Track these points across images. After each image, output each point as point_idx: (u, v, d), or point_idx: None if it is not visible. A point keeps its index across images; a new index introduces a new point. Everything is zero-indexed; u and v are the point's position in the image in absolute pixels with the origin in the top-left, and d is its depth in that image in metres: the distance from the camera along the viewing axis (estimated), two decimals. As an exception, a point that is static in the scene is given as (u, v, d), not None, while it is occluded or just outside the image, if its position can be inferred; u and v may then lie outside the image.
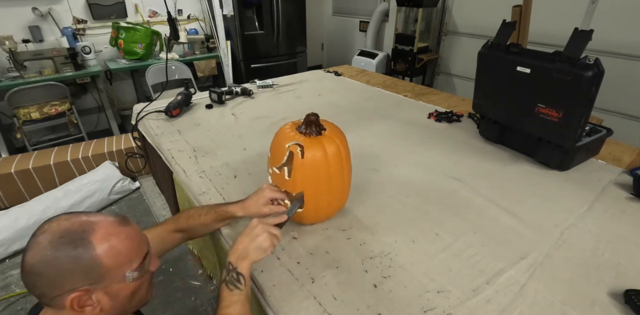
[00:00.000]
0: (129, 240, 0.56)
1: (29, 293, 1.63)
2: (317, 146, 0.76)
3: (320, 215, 0.86)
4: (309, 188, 0.78)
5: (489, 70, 1.18)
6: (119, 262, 0.54)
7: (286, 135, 0.79)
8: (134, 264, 0.56)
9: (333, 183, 0.79)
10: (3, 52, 2.55)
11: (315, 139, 0.77)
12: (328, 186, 0.79)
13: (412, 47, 3.40)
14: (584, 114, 0.97)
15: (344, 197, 0.89)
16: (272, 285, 0.71)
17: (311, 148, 0.75)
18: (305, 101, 1.71)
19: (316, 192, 0.78)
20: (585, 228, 0.87)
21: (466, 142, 1.31)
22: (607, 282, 0.72)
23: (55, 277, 0.50)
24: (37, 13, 2.72)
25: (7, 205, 2.09)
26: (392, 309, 0.66)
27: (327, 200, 0.82)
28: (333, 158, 0.77)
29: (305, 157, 0.74)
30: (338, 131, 0.83)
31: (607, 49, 2.45)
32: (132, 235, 0.58)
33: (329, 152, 0.76)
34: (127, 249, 0.56)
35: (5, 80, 2.53)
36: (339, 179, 0.80)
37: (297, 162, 0.75)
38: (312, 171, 0.76)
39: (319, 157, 0.75)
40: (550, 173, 1.11)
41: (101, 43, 3.08)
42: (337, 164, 0.78)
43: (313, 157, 0.75)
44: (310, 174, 0.76)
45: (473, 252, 0.80)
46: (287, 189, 0.79)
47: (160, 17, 3.31)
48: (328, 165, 0.76)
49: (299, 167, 0.75)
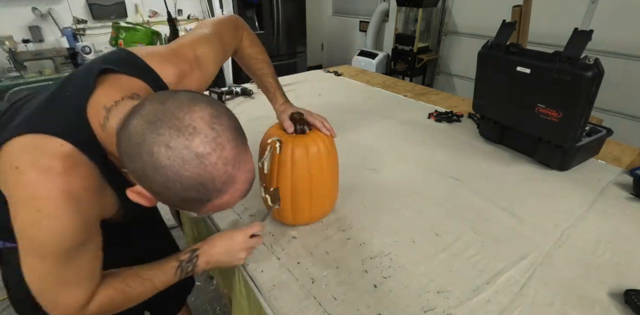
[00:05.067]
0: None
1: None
2: (297, 144, 0.76)
3: (300, 216, 0.84)
4: (284, 185, 0.78)
5: (489, 70, 1.18)
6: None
7: (272, 131, 0.81)
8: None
9: (314, 183, 0.79)
10: (3, 52, 2.55)
11: (297, 137, 0.78)
12: (308, 185, 0.78)
13: (412, 47, 3.40)
14: (584, 114, 0.97)
15: (327, 201, 0.86)
16: (272, 285, 0.71)
17: (289, 144, 0.76)
18: (305, 101, 1.71)
19: (293, 189, 0.78)
20: (585, 228, 0.87)
21: (466, 142, 1.31)
22: (607, 282, 0.72)
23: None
24: (37, 13, 2.72)
25: (7, 205, 2.08)
26: (392, 309, 0.66)
27: (307, 200, 0.81)
28: (314, 157, 0.77)
29: (283, 153, 0.75)
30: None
31: (607, 49, 2.44)
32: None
33: (311, 151, 0.76)
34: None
35: (5, 80, 2.53)
36: (320, 180, 0.79)
37: (274, 157, 0.76)
38: (290, 168, 0.76)
39: (298, 155, 0.75)
40: (550, 173, 1.11)
41: (101, 43, 3.08)
42: (318, 163, 0.77)
43: (291, 153, 0.75)
44: (286, 170, 0.76)
45: (473, 252, 0.80)
46: (265, 183, 0.80)
47: (160, 17, 3.31)
48: (308, 164, 0.76)
49: (275, 162, 0.76)
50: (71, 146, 0.49)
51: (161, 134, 0.41)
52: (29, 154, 0.47)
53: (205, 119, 0.43)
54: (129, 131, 0.43)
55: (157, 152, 0.41)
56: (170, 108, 0.43)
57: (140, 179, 0.44)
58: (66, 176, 0.47)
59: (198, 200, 0.46)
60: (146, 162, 0.41)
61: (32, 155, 0.47)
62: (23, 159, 0.47)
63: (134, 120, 0.43)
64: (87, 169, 0.51)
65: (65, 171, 0.47)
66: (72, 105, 0.52)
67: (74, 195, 0.48)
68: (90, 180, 0.51)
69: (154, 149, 0.41)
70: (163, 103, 0.43)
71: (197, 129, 0.42)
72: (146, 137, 0.41)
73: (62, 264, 0.50)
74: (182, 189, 0.43)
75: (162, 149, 0.41)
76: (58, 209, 0.47)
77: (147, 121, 0.42)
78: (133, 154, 0.42)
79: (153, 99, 0.45)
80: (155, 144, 0.41)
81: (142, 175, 0.43)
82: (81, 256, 0.52)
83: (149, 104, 0.44)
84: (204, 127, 0.42)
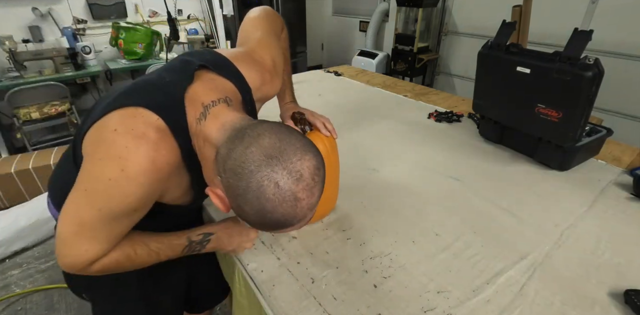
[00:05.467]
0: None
1: (32, 292, 1.63)
2: None
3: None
4: None
5: (489, 70, 1.18)
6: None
7: None
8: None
9: None
10: (3, 52, 2.55)
11: None
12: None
13: (412, 47, 3.40)
14: (584, 114, 0.97)
15: (327, 201, 0.86)
16: (272, 285, 0.71)
17: None
18: (305, 101, 1.69)
19: None
20: (585, 228, 0.87)
21: (466, 142, 1.31)
22: (607, 282, 0.72)
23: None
24: (37, 13, 2.72)
25: (7, 205, 2.08)
26: (392, 309, 0.66)
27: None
28: None
29: None
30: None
31: (607, 49, 2.44)
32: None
33: None
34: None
35: (5, 80, 2.54)
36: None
37: None
38: None
39: None
40: (550, 173, 1.11)
41: (101, 43, 3.08)
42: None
43: None
44: None
45: (473, 252, 0.80)
46: None
47: (160, 17, 3.31)
48: None
49: None
50: (165, 124, 0.54)
51: (275, 172, 0.46)
52: (129, 121, 0.52)
53: (311, 169, 0.48)
54: (246, 156, 0.47)
55: (267, 186, 0.46)
56: (288, 150, 0.47)
57: (234, 195, 0.48)
58: (156, 146, 0.52)
59: (270, 228, 0.51)
60: (252, 189, 0.46)
61: (131, 122, 0.52)
62: (123, 124, 0.52)
63: (253, 147, 0.47)
64: (174, 147, 0.55)
65: (157, 142, 0.52)
66: (172, 91, 0.57)
67: (157, 166, 0.52)
68: (174, 157, 0.55)
69: (265, 183, 0.45)
70: (281, 141, 0.48)
71: (303, 176, 0.47)
72: (262, 169, 0.46)
73: (104, 221, 0.54)
74: (268, 219, 0.48)
75: (272, 185, 0.46)
76: (139, 175, 0.51)
77: (266, 155, 0.46)
78: (241, 175, 0.46)
79: (272, 132, 0.49)
80: (267, 179, 0.46)
81: (239, 194, 0.47)
82: (122, 221, 0.56)
83: (269, 136, 0.48)
84: (308, 177, 0.48)
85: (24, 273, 1.77)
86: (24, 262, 1.84)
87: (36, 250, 1.91)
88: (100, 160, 0.52)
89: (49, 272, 1.78)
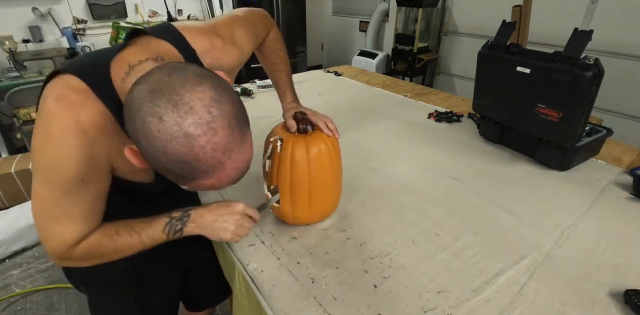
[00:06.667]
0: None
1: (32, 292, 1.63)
2: (298, 143, 0.76)
3: (299, 215, 0.83)
4: (284, 183, 0.78)
5: (488, 70, 1.18)
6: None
7: (277, 130, 0.82)
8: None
9: (313, 183, 0.78)
10: (3, 52, 2.55)
11: (299, 136, 0.78)
12: (307, 185, 0.78)
13: (412, 47, 3.40)
14: (584, 114, 0.97)
15: (328, 202, 0.86)
16: (272, 285, 0.71)
17: (290, 144, 0.76)
18: (305, 101, 1.69)
19: (292, 188, 0.78)
20: (585, 228, 0.87)
21: (466, 142, 1.31)
22: (607, 282, 0.72)
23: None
24: (37, 13, 2.72)
25: (7, 205, 2.08)
26: (392, 309, 0.66)
27: (306, 200, 0.80)
28: (314, 157, 0.77)
29: (283, 152, 0.76)
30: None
31: (607, 49, 2.44)
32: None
33: (311, 151, 0.76)
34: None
35: (5, 80, 2.53)
36: (320, 180, 0.79)
37: (274, 155, 0.77)
38: (289, 167, 0.76)
39: (298, 154, 0.75)
40: (550, 173, 1.11)
41: (101, 43, 3.08)
42: (318, 164, 0.77)
43: (291, 153, 0.75)
44: (286, 169, 0.76)
45: (473, 252, 0.80)
46: (267, 180, 0.80)
47: (160, 17, 3.30)
48: (308, 164, 0.76)
49: (276, 160, 0.77)
50: (86, 85, 0.53)
51: (157, 105, 0.42)
52: (53, 87, 0.54)
53: (204, 101, 0.43)
54: (133, 95, 0.44)
55: (150, 122, 0.42)
56: (174, 81, 0.44)
57: (135, 141, 0.46)
58: (76, 106, 0.52)
59: (181, 176, 0.47)
60: (139, 128, 0.43)
61: (54, 87, 0.53)
62: (48, 90, 0.53)
63: (140, 85, 0.45)
64: (97, 108, 0.54)
65: (76, 102, 0.52)
66: (101, 57, 0.57)
67: (81, 127, 0.52)
68: (98, 118, 0.54)
69: (148, 118, 0.42)
70: (170, 74, 0.45)
71: (193, 109, 0.43)
72: (144, 104, 0.43)
73: (60, 196, 0.54)
74: (166, 162, 0.45)
75: (155, 120, 0.42)
76: (64, 137, 0.51)
77: (150, 89, 0.43)
78: (131, 117, 0.44)
79: (163, 68, 0.46)
80: (150, 114, 0.42)
81: (135, 139, 0.45)
82: (82, 192, 0.55)
83: (158, 72, 0.45)
84: (201, 109, 0.43)
85: (24, 273, 1.77)
86: (24, 262, 1.84)
87: (36, 250, 1.91)
88: (35, 131, 0.53)
89: (49, 272, 1.78)
